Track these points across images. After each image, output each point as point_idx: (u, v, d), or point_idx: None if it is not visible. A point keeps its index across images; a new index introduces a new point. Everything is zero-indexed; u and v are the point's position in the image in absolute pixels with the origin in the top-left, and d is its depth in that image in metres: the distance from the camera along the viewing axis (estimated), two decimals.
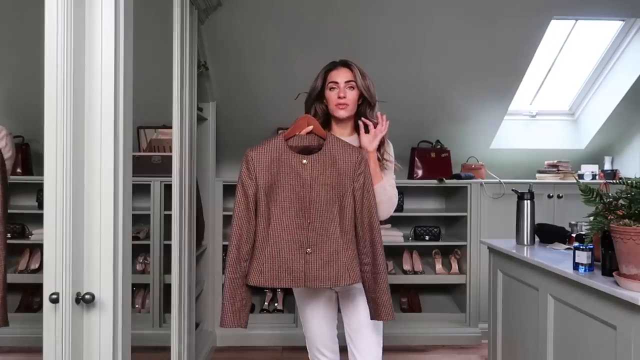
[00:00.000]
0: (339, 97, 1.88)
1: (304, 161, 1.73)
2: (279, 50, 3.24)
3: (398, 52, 3.28)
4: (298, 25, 3.12)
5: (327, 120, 1.97)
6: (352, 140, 1.94)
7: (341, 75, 1.90)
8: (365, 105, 1.93)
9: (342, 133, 1.96)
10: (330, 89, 1.91)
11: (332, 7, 3.03)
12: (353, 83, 1.89)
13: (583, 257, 1.79)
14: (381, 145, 1.91)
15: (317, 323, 1.96)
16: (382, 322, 1.89)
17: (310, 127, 1.78)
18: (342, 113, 1.90)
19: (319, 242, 1.71)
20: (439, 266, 3.75)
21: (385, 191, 1.87)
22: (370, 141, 1.85)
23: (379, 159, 1.90)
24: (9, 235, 2.15)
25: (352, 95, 1.90)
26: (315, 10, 3.05)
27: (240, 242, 1.72)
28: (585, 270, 1.79)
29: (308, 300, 1.95)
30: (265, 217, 1.73)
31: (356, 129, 1.96)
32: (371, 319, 1.79)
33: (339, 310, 1.98)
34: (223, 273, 2.92)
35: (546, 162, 3.92)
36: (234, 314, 1.73)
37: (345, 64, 1.93)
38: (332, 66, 1.94)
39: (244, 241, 1.72)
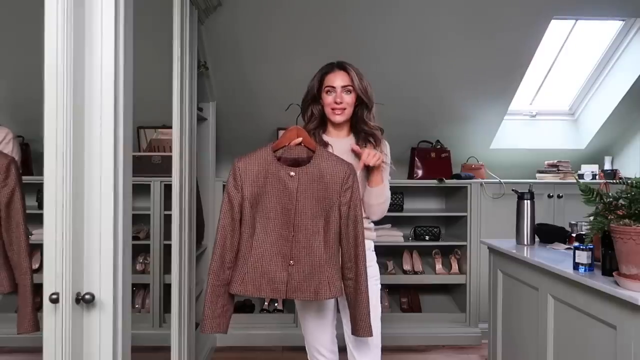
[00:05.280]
0: (336, 102, 1.88)
1: (292, 173, 1.72)
2: (279, 50, 3.24)
3: (398, 52, 3.28)
4: (298, 25, 3.12)
5: (323, 121, 1.97)
6: (348, 141, 1.94)
7: (338, 79, 1.89)
8: (362, 108, 1.92)
9: (339, 135, 1.96)
10: (327, 92, 1.90)
11: (333, 7, 3.03)
12: (350, 87, 1.88)
13: (583, 257, 1.79)
14: (376, 147, 1.90)
15: (316, 324, 1.95)
16: (380, 325, 1.90)
17: (300, 139, 1.76)
18: (338, 118, 1.90)
19: (302, 254, 1.70)
20: (439, 266, 3.75)
21: (384, 193, 1.88)
22: (370, 158, 1.81)
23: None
24: None
25: (349, 99, 1.89)
26: (316, 11, 3.05)
27: (224, 251, 1.72)
28: (585, 270, 1.79)
29: (309, 306, 1.94)
30: (250, 227, 1.73)
31: (352, 130, 1.96)
32: (352, 334, 1.79)
33: (338, 310, 1.98)
34: None
35: (546, 162, 3.92)
36: (214, 319, 1.73)
37: (342, 66, 1.91)
38: (329, 69, 1.92)
39: (228, 250, 1.72)
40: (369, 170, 1.86)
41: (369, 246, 1.90)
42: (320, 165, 1.74)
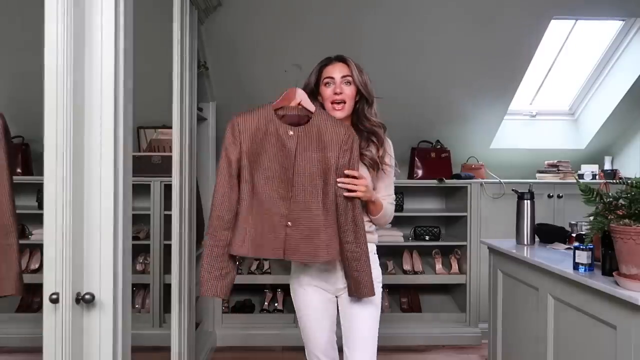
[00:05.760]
0: (335, 93, 1.82)
1: (290, 132, 1.69)
2: (279, 50, 3.24)
3: (398, 52, 3.28)
4: (298, 25, 3.12)
5: None
6: None
7: (337, 70, 1.84)
8: (363, 103, 1.87)
9: None
10: (325, 84, 1.85)
11: (333, 7, 3.03)
12: (350, 78, 1.83)
13: (583, 257, 1.79)
14: (379, 147, 1.85)
15: (316, 330, 1.90)
16: (377, 331, 1.86)
17: (299, 99, 1.73)
18: (338, 114, 1.83)
19: (301, 216, 1.68)
20: (439, 266, 3.75)
21: (386, 213, 1.87)
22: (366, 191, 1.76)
23: (377, 162, 1.83)
24: None
25: (349, 91, 1.83)
26: (315, 11, 3.05)
27: (222, 211, 1.69)
28: (585, 270, 1.79)
29: (307, 306, 1.89)
30: (248, 185, 1.69)
31: (354, 126, 1.91)
32: (349, 295, 1.77)
33: (338, 312, 1.92)
34: None
35: (546, 162, 3.92)
36: (211, 282, 1.69)
37: (341, 58, 1.87)
38: (328, 61, 1.88)
39: (226, 210, 1.69)
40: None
41: (372, 249, 1.85)
42: (319, 125, 1.71)
